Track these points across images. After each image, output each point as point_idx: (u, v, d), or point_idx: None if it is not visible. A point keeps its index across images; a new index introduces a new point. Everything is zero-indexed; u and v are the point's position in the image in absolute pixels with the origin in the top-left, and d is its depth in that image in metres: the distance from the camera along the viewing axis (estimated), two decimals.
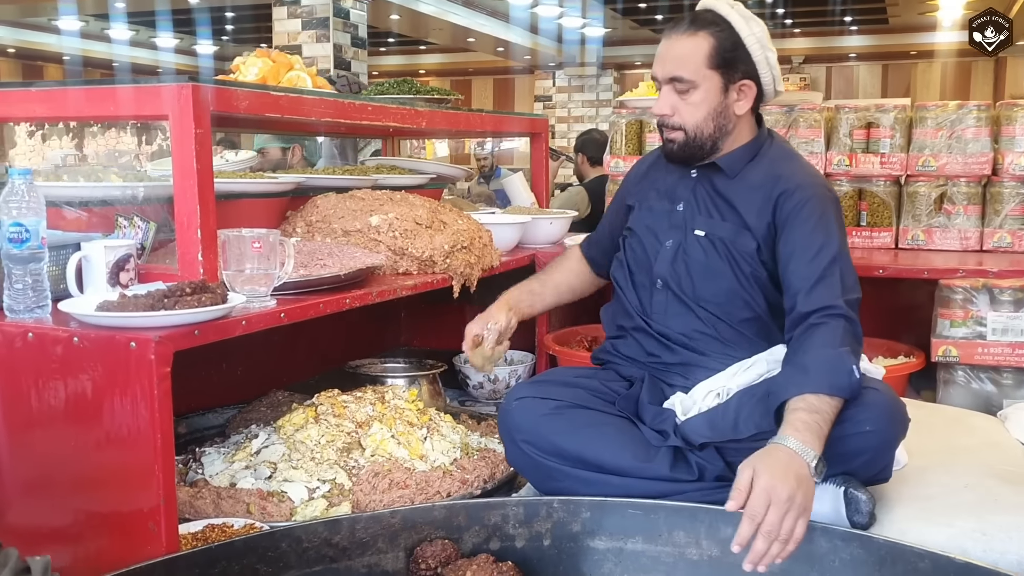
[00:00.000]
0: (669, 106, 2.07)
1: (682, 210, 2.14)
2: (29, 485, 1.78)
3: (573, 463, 1.94)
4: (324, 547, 1.70)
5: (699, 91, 2.03)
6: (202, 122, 1.89)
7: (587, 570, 1.80)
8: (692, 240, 2.10)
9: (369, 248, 2.54)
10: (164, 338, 1.64)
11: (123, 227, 2.09)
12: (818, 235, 1.96)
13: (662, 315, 2.14)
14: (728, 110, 2.05)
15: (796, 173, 2.06)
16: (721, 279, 2.07)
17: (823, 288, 1.91)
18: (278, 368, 2.99)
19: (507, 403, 2.06)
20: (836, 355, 1.81)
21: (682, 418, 1.99)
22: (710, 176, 2.12)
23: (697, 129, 2.06)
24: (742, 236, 2.05)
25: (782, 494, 1.61)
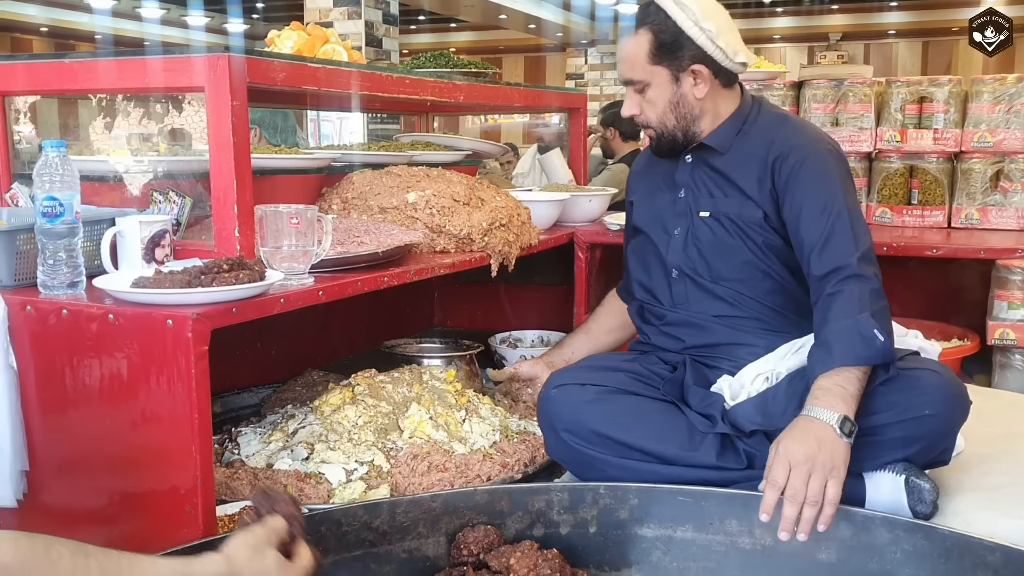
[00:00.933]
0: (635, 105, 2.07)
1: (684, 196, 2.11)
2: (63, 465, 1.75)
3: (617, 452, 1.88)
4: (364, 531, 1.66)
5: (652, 88, 2.03)
6: (238, 94, 1.83)
7: (634, 558, 1.74)
8: (699, 223, 2.07)
9: (406, 225, 2.48)
10: (201, 315, 1.59)
11: (158, 202, 2.05)
12: (820, 193, 1.91)
13: (686, 303, 2.10)
14: (686, 98, 2.03)
15: (789, 136, 2.01)
16: (734, 255, 2.03)
17: (833, 247, 1.86)
18: (312, 348, 2.95)
19: (546, 391, 2.00)
20: (854, 324, 1.75)
21: (731, 403, 1.92)
22: (704, 157, 2.10)
23: (660, 123, 2.06)
24: (747, 207, 2.02)
25: (799, 455, 1.60)
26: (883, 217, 3.10)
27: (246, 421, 2.42)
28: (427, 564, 1.69)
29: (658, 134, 2.08)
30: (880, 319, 1.77)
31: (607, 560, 1.75)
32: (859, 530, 1.63)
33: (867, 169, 3.16)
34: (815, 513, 1.59)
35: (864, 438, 1.77)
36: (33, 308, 1.72)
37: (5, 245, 1.78)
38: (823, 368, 1.73)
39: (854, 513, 1.64)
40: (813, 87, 3.17)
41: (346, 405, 2.25)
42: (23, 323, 1.72)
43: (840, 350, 1.73)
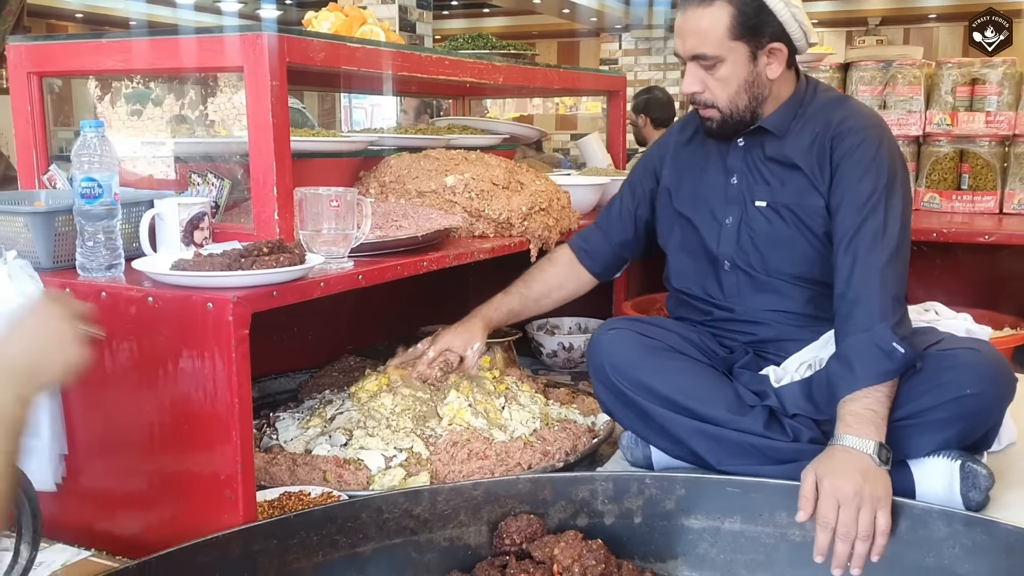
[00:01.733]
0: (699, 82, 1.92)
1: (736, 183, 2.00)
2: (102, 449, 1.73)
3: (664, 404, 1.85)
4: (404, 518, 1.63)
5: (726, 65, 1.89)
6: (277, 73, 1.80)
7: (680, 550, 1.70)
8: (754, 212, 1.98)
9: (444, 209, 2.45)
10: (242, 299, 1.56)
11: (196, 184, 2.02)
12: (866, 181, 1.84)
13: (737, 297, 2.02)
14: (760, 77, 1.91)
15: (849, 116, 1.92)
16: (793, 248, 1.94)
17: (862, 242, 1.80)
18: (349, 333, 2.93)
19: (600, 332, 1.97)
20: (873, 337, 1.70)
21: (776, 385, 1.88)
22: (759, 141, 1.99)
23: (731, 104, 1.93)
24: (808, 196, 1.92)
25: (848, 491, 1.55)
26: (932, 203, 3.02)
27: (284, 406, 2.40)
28: (468, 553, 1.66)
29: (724, 115, 1.95)
30: (900, 326, 1.73)
31: (652, 551, 1.71)
32: (915, 524, 1.58)
33: (915, 153, 3.08)
34: (867, 548, 1.55)
35: (905, 422, 1.73)
36: (72, 290, 1.70)
37: (43, 227, 1.76)
38: (847, 388, 1.69)
39: (910, 506, 1.59)
40: (860, 69, 3.09)
41: (383, 392, 2.22)
42: None
43: (862, 368, 1.69)
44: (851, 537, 1.55)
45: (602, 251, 2.26)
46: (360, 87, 3.31)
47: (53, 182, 2.09)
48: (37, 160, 2.11)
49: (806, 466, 1.63)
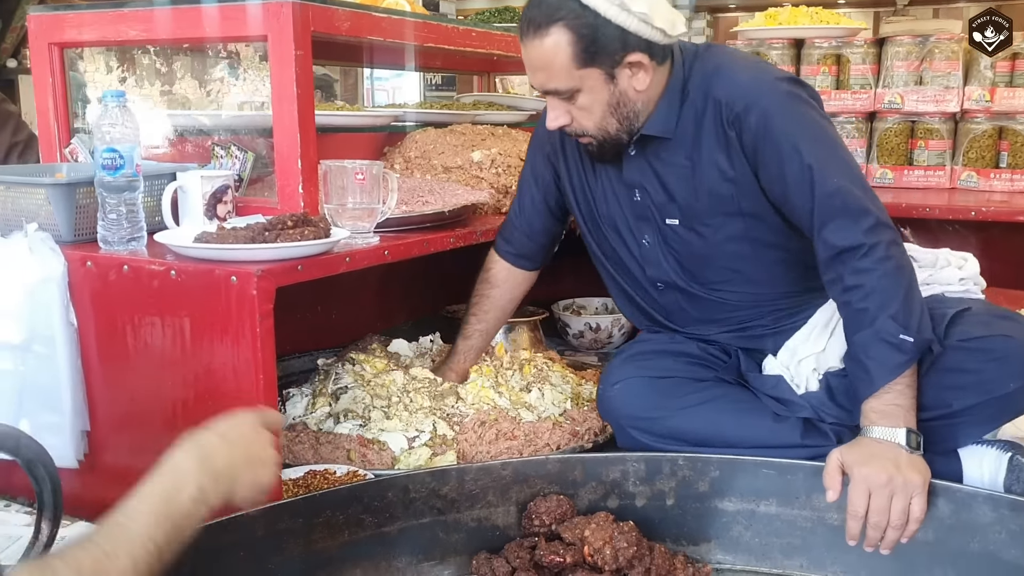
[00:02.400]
0: (564, 114, 1.73)
1: (640, 199, 1.85)
2: (124, 425, 1.71)
3: (695, 443, 1.77)
4: (432, 498, 1.59)
5: (583, 94, 1.70)
6: (302, 43, 1.76)
7: (713, 533, 1.66)
8: (669, 232, 1.84)
9: (471, 185, 2.41)
10: (266, 272, 1.53)
11: (220, 157, 1.99)
12: (798, 154, 1.66)
13: (681, 314, 1.92)
14: (626, 95, 1.71)
15: (735, 87, 1.72)
16: (721, 259, 1.82)
17: (836, 219, 1.64)
18: (372, 312, 2.90)
19: (606, 388, 1.89)
20: (876, 333, 1.60)
21: (797, 391, 1.82)
22: (650, 148, 1.80)
23: (600, 131, 1.75)
24: (723, 201, 1.76)
25: (877, 479, 1.49)
26: (969, 181, 2.94)
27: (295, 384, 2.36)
28: (497, 533, 1.63)
29: (599, 141, 1.76)
30: (904, 310, 1.60)
31: (685, 534, 1.66)
32: (959, 508, 1.52)
33: (952, 131, 3.00)
34: (900, 535, 1.50)
35: (949, 421, 1.68)
36: (93, 264, 1.67)
37: (64, 199, 1.73)
38: (867, 390, 1.62)
39: (955, 490, 1.54)
40: (896, 44, 3.01)
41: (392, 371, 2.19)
42: (83, 279, 1.68)
43: (875, 366, 1.60)
44: (882, 526, 1.50)
45: (530, 247, 2.13)
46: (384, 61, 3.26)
47: (75, 155, 2.06)
48: (59, 133, 2.08)
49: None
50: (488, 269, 2.17)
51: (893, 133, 3.02)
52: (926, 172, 3.00)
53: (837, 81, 3.10)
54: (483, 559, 1.55)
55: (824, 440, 1.74)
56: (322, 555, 1.51)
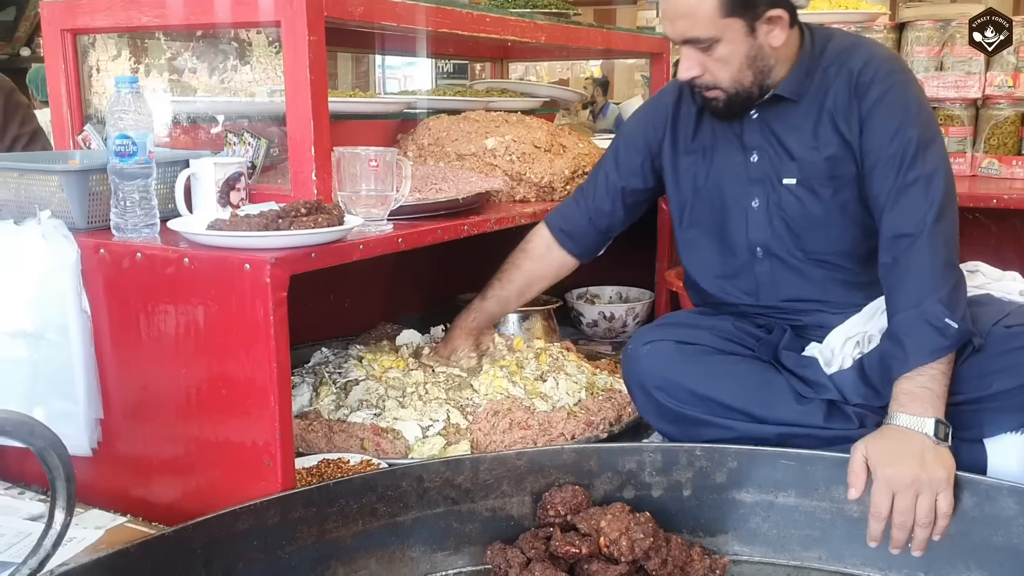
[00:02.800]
0: (697, 66, 1.75)
1: (758, 160, 1.84)
2: (138, 413, 1.70)
3: (717, 412, 1.75)
4: (446, 488, 1.59)
5: (723, 44, 1.71)
6: (316, 28, 1.74)
7: (731, 524, 1.64)
8: (783, 192, 1.83)
9: (484, 172, 2.39)
10: (280, 260, 1.51)
11: (233, 144, 1.97)
12: (900, 135, 1.70)
13: (770, 286, 1.89)
14: (763, 50, 1.73)
15: (869, 61, 1.76)
16: (832, 225, 1.82)
17: (907, 203, 1.67)
18: (385, 301, 2.89)
19: (634, 348, 1.86)
20: (922, 313, 1.59)
21: (827, 370, 1.79)
22: (776, 110, 1.82)
23: (735, 83, 1.76)
24: (842, 163, 1.78)
25: (905, 478, 1.47)
26: (990, 168, 2.90)
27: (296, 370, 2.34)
28: (511, 524, 1.61)
29: (729, 95, 1.78)
30: (952, 299, 1.61)
31: (702, 525, 1.65)
32: (982, 500, 1.50)
33: (973, 117, 2.96)
34: (928, 534, 1.48)
35: (979, 405, 1.66)
36: (106, 251, 1.66)
37: (77, 186, 1.72)
38: (901, 368, 1.60)
39: (977, 482, 1.52)
40: (916, 29, 2.96)
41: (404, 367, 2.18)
42: (96, 267, 1.67)
43: (913, 346, 1.59)
44: (908, 526, 1.48)
45: (584, 232, 2.11)
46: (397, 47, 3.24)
47: (87, 142, 2.05)
48: (71, 120, 2.07)
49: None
50: (529, 240, 2.17)
51: None
52: None
53: None
54: (498, 549, 1.54)
55: (847, 424, 1.71)
56: (336, 544, 1.50)
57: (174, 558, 1.34)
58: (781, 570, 1.61)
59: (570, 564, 1.52)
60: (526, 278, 2.15)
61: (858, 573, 1.58)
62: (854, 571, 1.58)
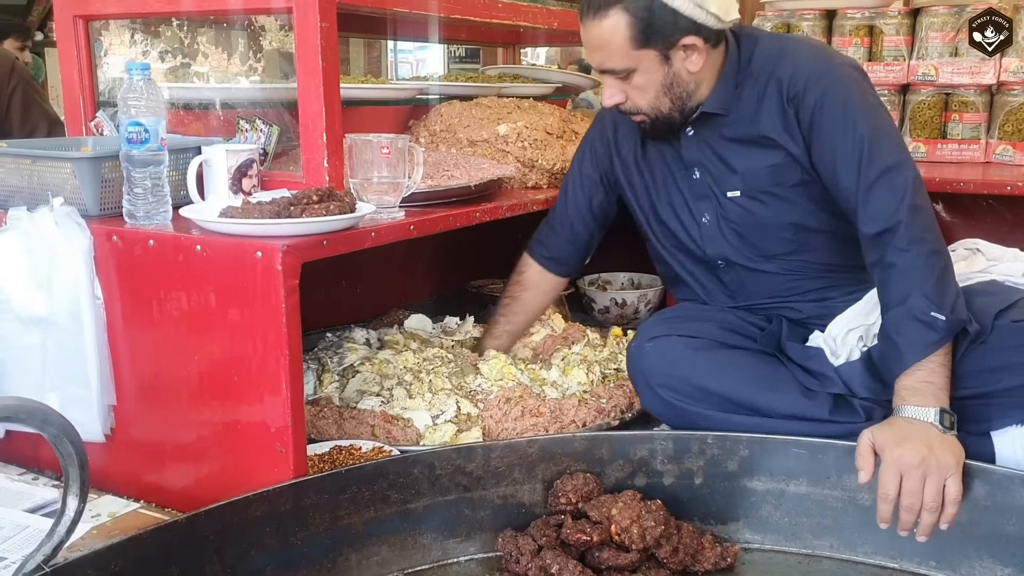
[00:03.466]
0: (619, 93, 1.79)
1: (700, 177, 1.87)
2: (150, 400, 1.71)
3: (721, 406, 1.76)
4: (458, 475, 1.59)
5: (638, 74, 1.75)
6: (328, 15, 1.73)
7: (742, 512, 1.64)
8: (728, 205, 1.85)
9: (496, 159, 2.38)
10: (292, 247, 1.51)
11: (245, 131, 1.97)
12: (849, 133, 1.70)
13: (742, 290, 1.92)
14: (680, 76, 1.76)
15: (796, 68, 1.76)
16: (784, 229, 1.83)
17: (878, 199, 1.67)
18: (398, 287, 2.89)
19: (639, 344, 1.87)
20: (908, 310, 1.59)
21: (834, 362, 1.79)
22: (709, 125, 1.84)
23: (654, 110, 1.80)
24: (784, 170, 1.79)
25: (911, 460, 1.47)
26: (1004, 155, 2.88)
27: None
28: (523, 511, 1.62)
29: (651, 119, 1.82)
30: (938, 289, 1.60)
31: (713, 513, 1.65)
32: (995, 489, 1.50)
33: (988, 104, 2.93)
34: (935, 519, 1.48)
35: (989, 400, 1.65)
36: (119, 238, 1.66)
37: (90, 173, 1.72)
38: (899, 367, 1.60)
39: (990, 471, 1.51)
40: (931, 14, 2.94)
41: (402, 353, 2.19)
42: (109, 253, 1.67)
43: (906, 345, 1.59)
44: (916, 508, 1.48)
45: (567, 253, 2.18)
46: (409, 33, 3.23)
47: (100, 128, 2.05)
48: (84, 106, 2.07)
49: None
50: (520, 272, 2.23)
51: (927, 106, 2.96)
52: (960, 146, 2.93)
53: (870, 53, 3.04)
54: (509, 536, 1.55)
55: (854, 417, 1.71)
56: (348, 531, 1.51)
57: (187, 544, 1.35)
58: (792, 558, 1.61)
59: (581, 552, 1.52)
60: (527, 308, 2.25)
61: (870, 562, 1.58)
62: (866, 560, 1.58)
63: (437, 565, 1.58)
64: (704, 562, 1.54)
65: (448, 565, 1.58)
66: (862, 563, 1.58)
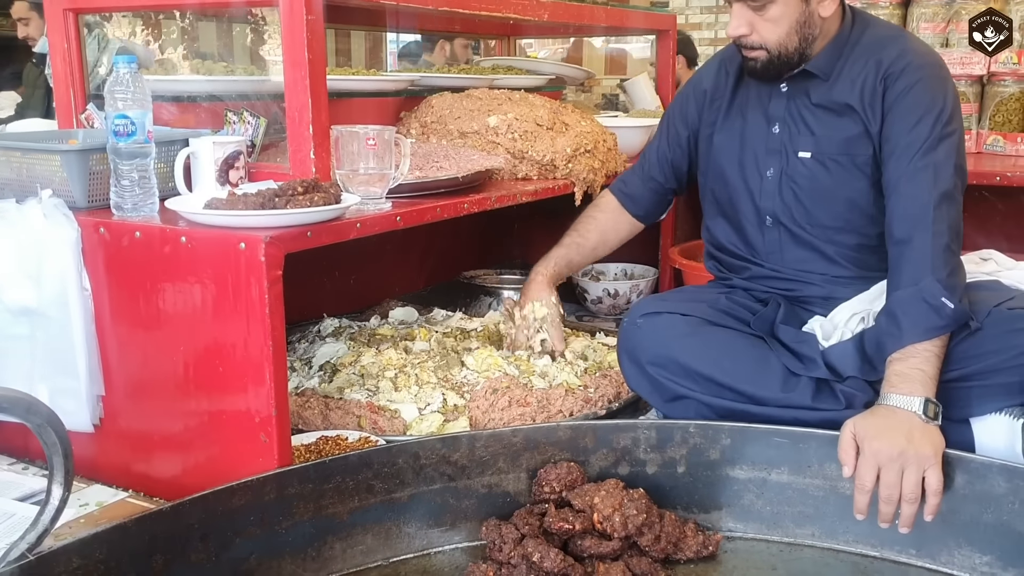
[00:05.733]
0: (746, 24, 1.80)
1: (779, 132, 1.89)
2: (138, 390, 1.72)
3: (707, 389, 1.76)
4: (442, 464, 1.60)
5: (777, 5, 1.76)
6: (313, 8, 1.74)
7: (725, 501, 1.65)
8: (796, 164, 1.87)
9: (487, 151, 2.39)
10: (275, 238, 1.52)
11: (232, 123, 1.98)
12: (922, 127, 1.73)
13: (779, 253, 1.93)
14: (813, 16, 1.79)
15: (903, 53, 1.79)
16: (839, 202, 1.85)
17: (914, 187, 1.70)
18: (391, 278, 2.90)
19: (631, 320, 1.88)
20: (920, 292, 1.61)
21: (824, 344, 1.80)
22: (804, 86, 1.87)
23: (780, 46, 1.81)
24: (857, 144, 1.81)
25: (891, 451, 1.48)
26: (995, 145, 2.89)
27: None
28: (507, 500, 1.63)
29: (771, 57, 1.82)
30: (951, 281, 1.63)
31: (696, 502, 1.66)
32: (973, 478, 1.51)
33: (979, 94, 2.94)
34: (915, 510, 1.48)
35: (969, 383, 1.66)
36: (106, 230, 1.68)
37: (78, 165, 1.73)
38: (894, 345, 1.61)
39: (968, 460, 1.52)
40: (922, 5, 2.95)
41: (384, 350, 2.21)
42: (96, 245, 1.69)
43: (909, 323, 1.60)
44: (894, 500, 1.49)
45: (643, 195, 2.20)
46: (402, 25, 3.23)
47: (91, 121, 2.07)
48: (75, 99, 2.08)
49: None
50: (597, 203, 2.27)
51: None
52: None
53: None
54: (492, 525, 1.55)
55: (835, 403, 1.72)
56: (333, 520, 1.52)
57: (172, 532, 1.36)
58: (774, 546, 1.62)
59: (564, 540, 1.54)
60: (601, 229, 2.22)
61: (851, 550, 1.59)
62: (847, 548, 1.59)
63: (422, 554, 1.59)
64: (686, 550, 1.55)
65: (433, 554, 1.59)
66: (843, 551, 1.59)
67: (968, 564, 1.51)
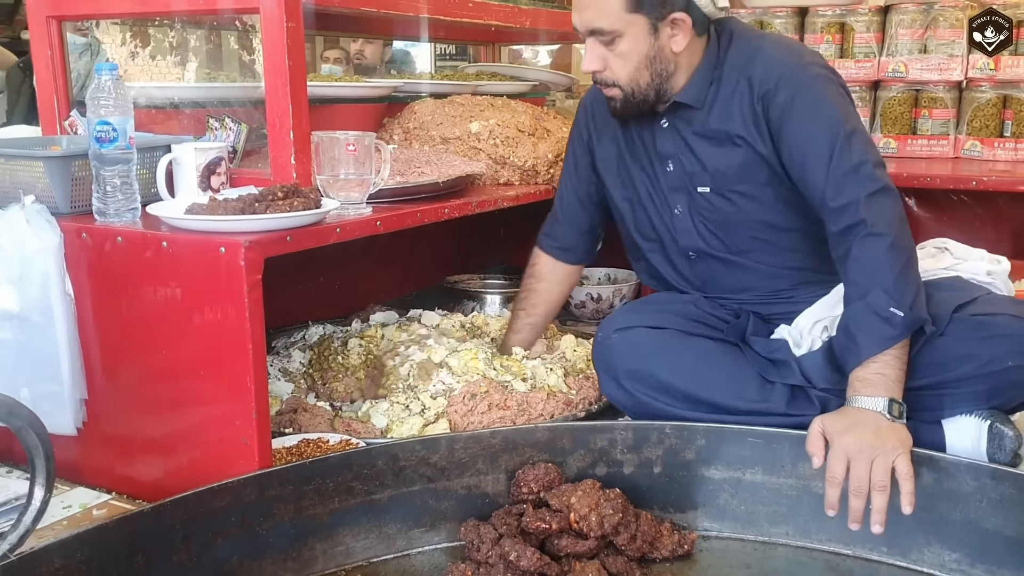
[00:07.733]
0: (599, 60, 1.80)
1: (673, 169, 1.90)
2: (120, 394, 1.74)
3: (683, 402, 1.79)
4: (422, 466, 1.62)
5: (624, 40, 1.76)
6: (294, 15, 1.76)
7: (700, 500, 1.68)
8: (699, 200, 1.88)
9: (469, 156, 2.42)
10: (254, 243, 1.54)
11: (214, 129, 2.00)
12: (819, 133, 1.72)
13: (712, 281, 1.95)
14: (663, 52, 1.78)
15: (769, 67, 1.79)
16: (752, 227, 1.87)
17: (843, 194, 1.68)
18: (376, 283, 2.92)
19: (604, 335, 1.89)
20: (868, 305, 1.62)
21: (796, 352, 1.82)
22: (683, 117, 1.86)
23: (632, 83, 1.81)
24: (752, 170, 1.82)
25: (856, 445, 1.50)
26: (972, 150, 2.92)
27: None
28: (486, 501, 1.65)
29: (626, 95, 1.82)
30: (899, 285, 1.62)
31: (672, 501, 1.68)
32: (942, 476, 1.53)
33: (956, 100, 2.97)
34: (886, 500, 1.49)
35: (942, 391, 1.69)
36: (88, 235, 1.69)
37: (60, 171, 1.75)
38: (854, 360, 1.63)
39: (937, 459, 1.55)
40: (900, 11, 2.98)
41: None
42: (79, 250, 1.70)
43: (864, 339, 1.62)
44: (864, 491, 1.50)
45: (574, 241, 2.18)
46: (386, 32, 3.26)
47: (74, 127, 2.08)
48: (58, 106, 2.10)
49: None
50: (533, 264, 2.23)
51: (897, 102, 3.00)
52: (930, 141, 2.98)
53: (841, 50, 3.08)
54: (471, 526, 1.57)
55: (810, 408, 1.74)
56: (313, 521, 1.54)
57: (153, 534, 1.38)
58: (749, 545, 1.64)
59: (541, 540, 1.56)
60: (546, 298, 2.23)
61: (824, 548, 1.61)
62: (820, 546, 1.62)
63: (402, 554, 1.61)
64: (662, 549, 1.58)
65: (413, 554, 1.61)
66: (816, 550, 1.62)
67: (938, 561, 1.54)
